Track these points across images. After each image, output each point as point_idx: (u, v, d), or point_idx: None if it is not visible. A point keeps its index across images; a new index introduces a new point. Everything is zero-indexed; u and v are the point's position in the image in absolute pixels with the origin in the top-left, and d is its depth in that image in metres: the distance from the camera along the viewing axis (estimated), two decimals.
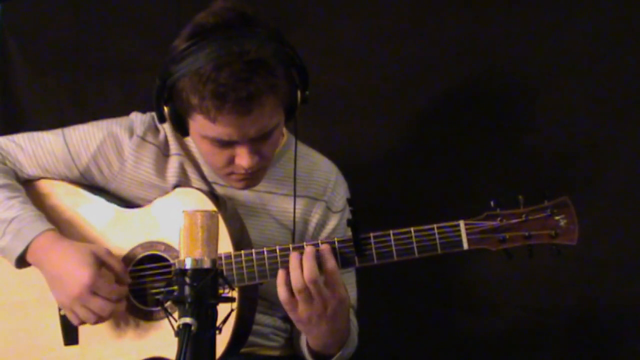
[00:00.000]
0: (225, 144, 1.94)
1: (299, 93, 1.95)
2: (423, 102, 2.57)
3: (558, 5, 2.49)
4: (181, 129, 1.98)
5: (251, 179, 2.03)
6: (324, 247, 1.89)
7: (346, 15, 2.59)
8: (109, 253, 2.02)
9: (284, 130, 2.13)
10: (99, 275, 1.97)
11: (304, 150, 2.17)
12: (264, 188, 2.11)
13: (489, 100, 2.53)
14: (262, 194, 2.12)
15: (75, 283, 1.96)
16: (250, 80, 1.84)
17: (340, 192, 2.18)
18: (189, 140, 2.12)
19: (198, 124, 1.93)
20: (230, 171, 2.00)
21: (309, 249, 1.88)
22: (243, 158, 1.94)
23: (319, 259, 1.88)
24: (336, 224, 2.16)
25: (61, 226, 2.09)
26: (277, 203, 2.13)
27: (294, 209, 2.09)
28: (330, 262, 1.88)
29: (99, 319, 1.98)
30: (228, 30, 1.88)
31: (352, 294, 2.18)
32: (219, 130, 1.90)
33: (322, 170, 2.18)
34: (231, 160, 1.97)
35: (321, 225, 2.16)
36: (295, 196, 2.08)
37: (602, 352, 2.43)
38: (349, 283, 2.15)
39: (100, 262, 1.99)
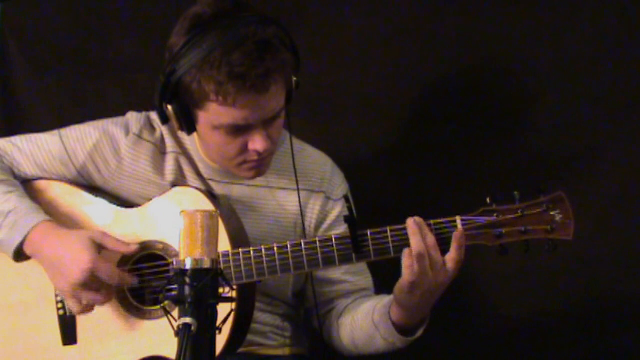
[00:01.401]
0: (239, 129, 1.95)
1: (293, 78, 1.98)
2: (420, 100, 2.57)
3: (558, 5, 2.49)
4: (188, 126, 1.98)
5: (262, 166, 2.05)
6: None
7: (345, 15, 2.59)
8: (105, 234, 2.02)
9: None
10: (99, 257, 1.97)
11: (298, 144, 2.18)
12: (261, 183, 2.13)
13: (487, 98, 2.53)
14: (259, 188, 2.13)
15: (75, 267, 1.96)
16: (264, 58, 1.87)
17: (337, 181, 2.20)
18: (184, 138, 2.13)
19: (211, 113, 1.93)
20: (242, 160, 2.01)
21: (418, 219, 1.89)
22: (257, 142, 1.96)
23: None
24: (340, 212, 2.17)
25: None
26: (274, 197, 2.14)
27: (299, 199, 2.10)
28: (462, 238, 1.88)
29: (105, 299, 2.00)
30: (227, 18, 1.90)
31: (369, 279, 2.20)
32: (236, 114, 1.91)
33: (316, 163, 2.20)
34: (244, 149, 1.99)
35: (323, 215, 2.17)
36: (298, 189, 2.10)
37: (602, 351, 2.43)
38: (362, 270, 2.18)
39: (99, 245, 2.00)
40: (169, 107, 1.96)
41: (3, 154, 2.14)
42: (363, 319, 2.09)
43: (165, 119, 2.00)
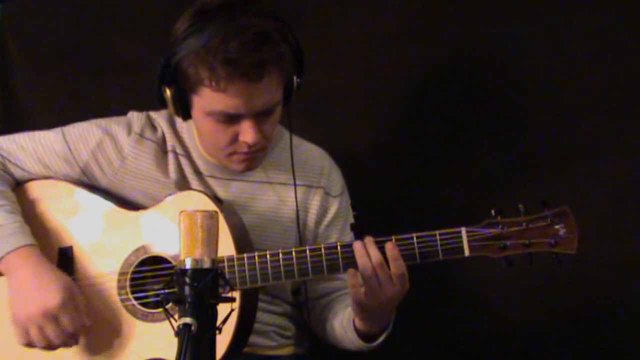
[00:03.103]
0: (230, 118, 1.96)
1: (295, 78, 1.99)
2: (420, 100, 2.57)
3: (558, 5, 2.49)
4: (183, 111, 2.00)
5: (252, 159, 2.05)
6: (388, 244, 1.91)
7: (345, 16, 2.59)
8: (81, 291, 2.01)
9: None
10: (68, 303, 1.96)
11: (296, 140, 2.18)
12: (259, 178, 2.14)
13: (487, 98, 2.53)
14: (258, 184, 2.14)
15: (41, 302, 1.95)
16: (260, 49, 1.89)
17: (335, 176, 2.21)
18: (184, 135, 2.15)
19: (204, 99, 1.94)
20: (232, 151, 2.02)
21: (369, 238, 1.91)
22: (247, 133, 1.97)
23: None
24: (338, 208, 2.18)
25: (62, 229, 2.10)
26: (274, 192, 2.15)
27: (295, 196, 2.11)
28: (393, 251, 1.90)
29: (48, 346, 1.97)
30: (231, 9, 1.92)
31: None
32: (227, 101, 1.92)
33: (315, 158, 2.21)
34: (234, 139, 1.99)
35: (322, 211, 2.18)
36: (295, 185, 2.11)
37: (602, 352, 2.43)
38: None
39: (72, 295, 1.98)
40: (167, 90, 1.97)
41: (6, 155, 2.13)
42: (335, 320, 2.12)
43: (162, 102, 2.01)
